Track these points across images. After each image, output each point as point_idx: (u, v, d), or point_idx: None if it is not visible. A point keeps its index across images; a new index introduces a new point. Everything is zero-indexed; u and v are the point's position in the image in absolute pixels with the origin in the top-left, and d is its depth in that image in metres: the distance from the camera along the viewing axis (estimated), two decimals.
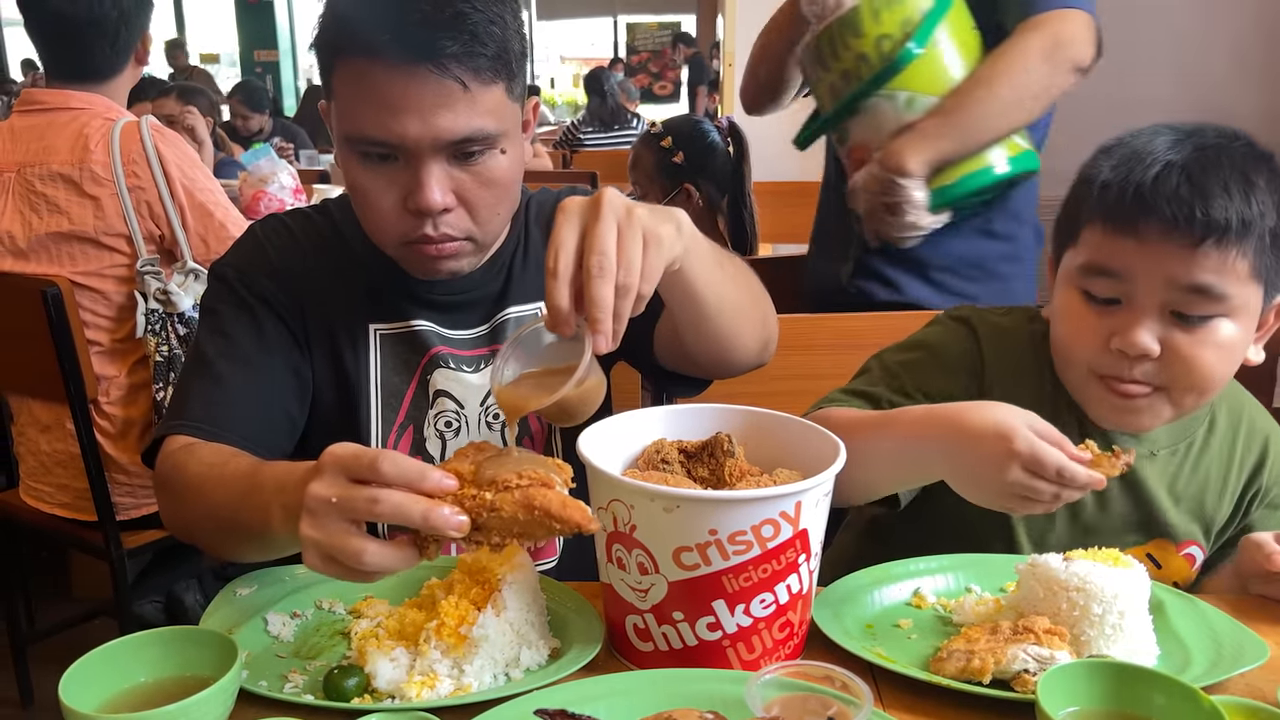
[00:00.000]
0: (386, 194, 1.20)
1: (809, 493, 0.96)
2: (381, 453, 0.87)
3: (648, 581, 0.97)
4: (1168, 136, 1.12)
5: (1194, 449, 1.28)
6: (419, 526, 0.86)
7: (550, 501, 0.88)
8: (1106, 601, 1.00)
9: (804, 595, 1.01)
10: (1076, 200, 1.18)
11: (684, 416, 1.16)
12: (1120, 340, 1.12)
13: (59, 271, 2.18)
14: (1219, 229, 1.07)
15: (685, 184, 2.51)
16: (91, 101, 2.23)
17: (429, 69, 1.12)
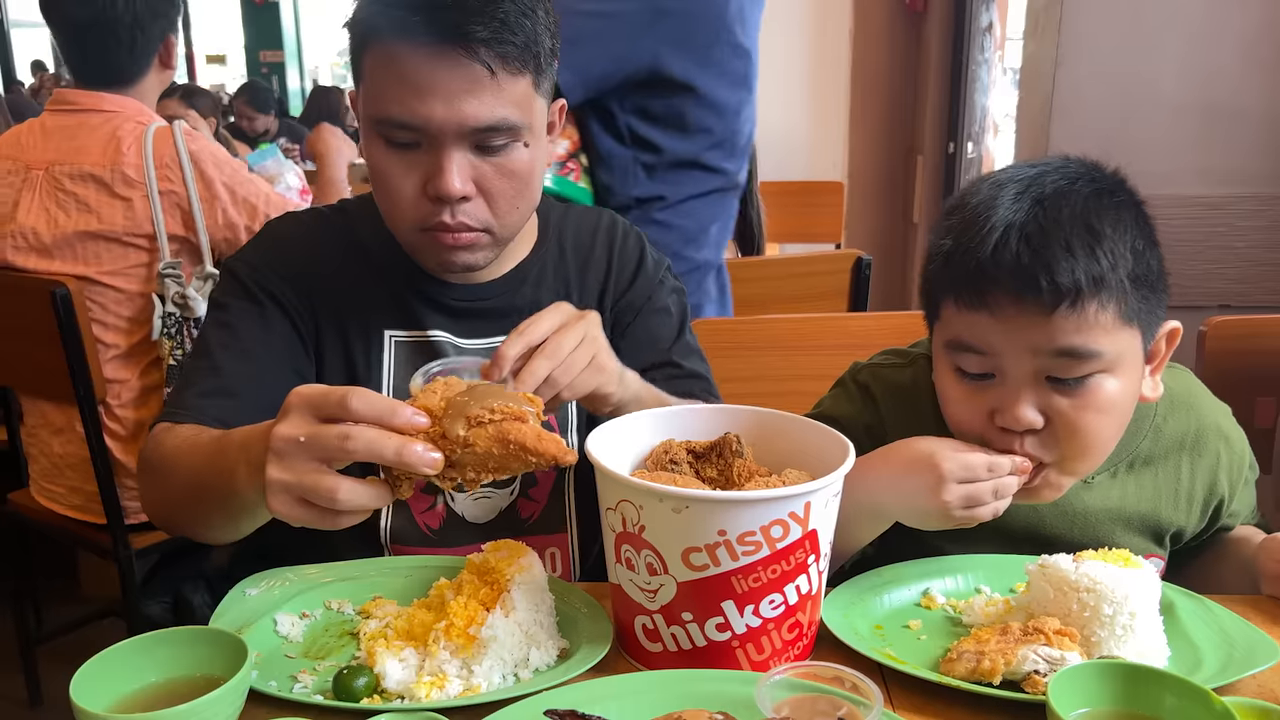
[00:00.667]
0: (407, 179, 1.20)
1: (818, 493, 0.96)
2: (351, 389, 0.87)
3: (657, 582, 0.97)
4: (1010, 190, 1.07)
5: (1136, 465, 1.24)
6: (393, 463, 0.86)
7: (525, 435, 0.89)
8: (1117, 602, 1.00)
9: (813, 596, 1.01)
10: (930, 272, 1.13)
11: (692, 417, 1.16)
12: (1002, 418, 1.08)
13: (83, 270, 2.19)
14: (1070, 293, 1.02)
15: None
16: (124, 105, 2.25)
17: (458, 52, 1.13)
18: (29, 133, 2.28)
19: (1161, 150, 2.56)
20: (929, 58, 3.99)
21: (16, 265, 2.21)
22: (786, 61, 4.40)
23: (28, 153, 2.23)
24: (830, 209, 4.12)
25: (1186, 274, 2.60)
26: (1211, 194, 2.56)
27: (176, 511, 1.17)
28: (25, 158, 2.23)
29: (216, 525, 1.11)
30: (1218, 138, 2.54)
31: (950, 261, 1.08)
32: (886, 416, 1.27)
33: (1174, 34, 2.51)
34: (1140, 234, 1.07)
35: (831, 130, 4.34)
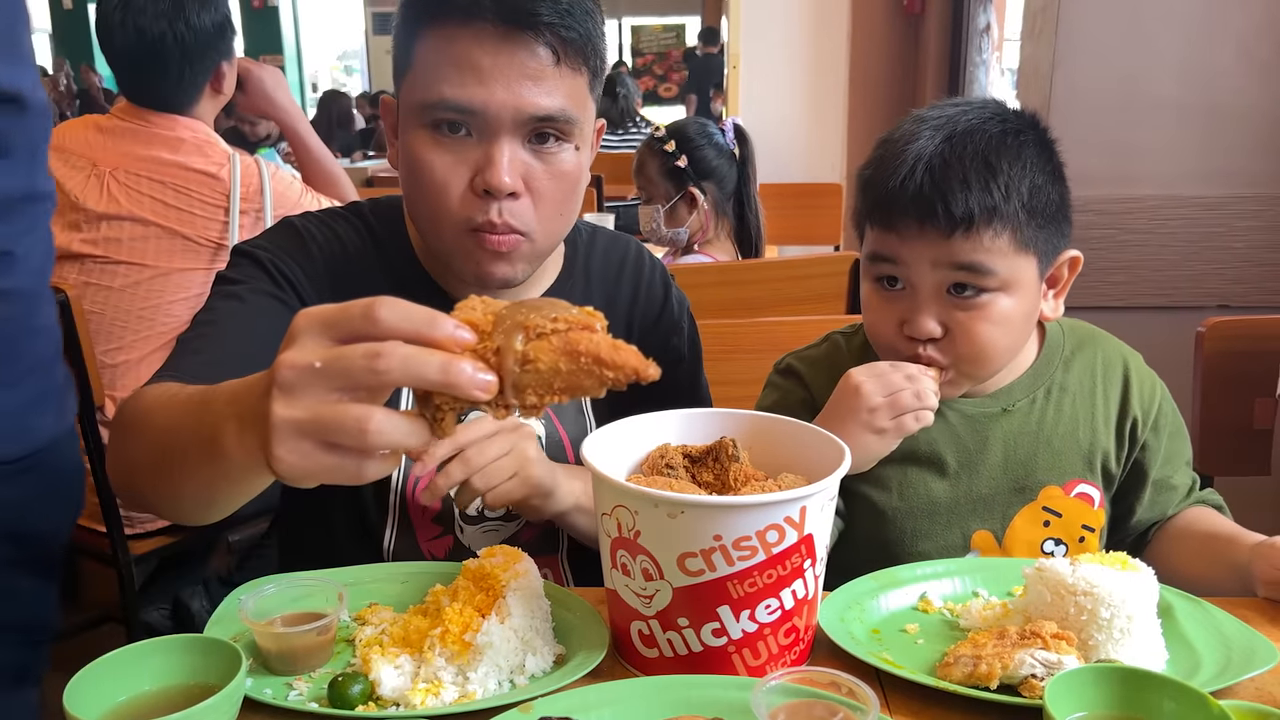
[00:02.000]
0: (454, 172, 1.17)
1: (814, 497, 0.95)
2: (380, 299, 0.70)
3: (652, 587, 0.97)
4: (928, 126, 1.21)
5: (1052, 392, 1.35)
6: (436, 385, 0.70)
7: (599, 345, 0.72)
8: (1114, 606, 0.99)
9: (810, 600, 1.00)
10: (857, 199, 1.29)
11: (689, 421, 1.15)
12: (909, 327, 1.23)
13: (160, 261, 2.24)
14: (965, 219, 1.17)
15: (690, 188, 2.51)
16: (194, 128, 2.30)
17: (525, 35, 1.13)
18: (85, 129, 2.32)
19: (1160, 151, 2.55)
20: (927, 59, 3.98)
21: (74, 251, 2.24)
22: (784, 64, 4.40)
23: (94, 149, 2.27)
24: (829, 211, 4.12)
25: (1185, 274, 2.60)
26: (1210, 194, 2.55)
27: (140, 475, 0.99)
28: (93, 154, 2.26)
29: (186, 497, 0.92)
30: (1216, 138, 2.53)
31: (868, 189, 1.24)
32: (814, 387, 1.38)
33: (1172, 34, 2.51)
34: (1041, 170, 1.21)
35: (830, 132, 4.34)
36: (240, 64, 2.58)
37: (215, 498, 0.89)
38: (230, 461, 0.78)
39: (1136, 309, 2.62)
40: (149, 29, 2.22)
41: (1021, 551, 1.32)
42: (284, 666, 1.00)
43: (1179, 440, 1.39)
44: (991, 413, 1.32)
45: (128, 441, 1.01)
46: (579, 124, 1.19)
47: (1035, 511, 1.33)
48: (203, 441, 0.81)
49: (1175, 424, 1.39)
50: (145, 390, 1.03)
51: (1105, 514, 1.35)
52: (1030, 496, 1.32)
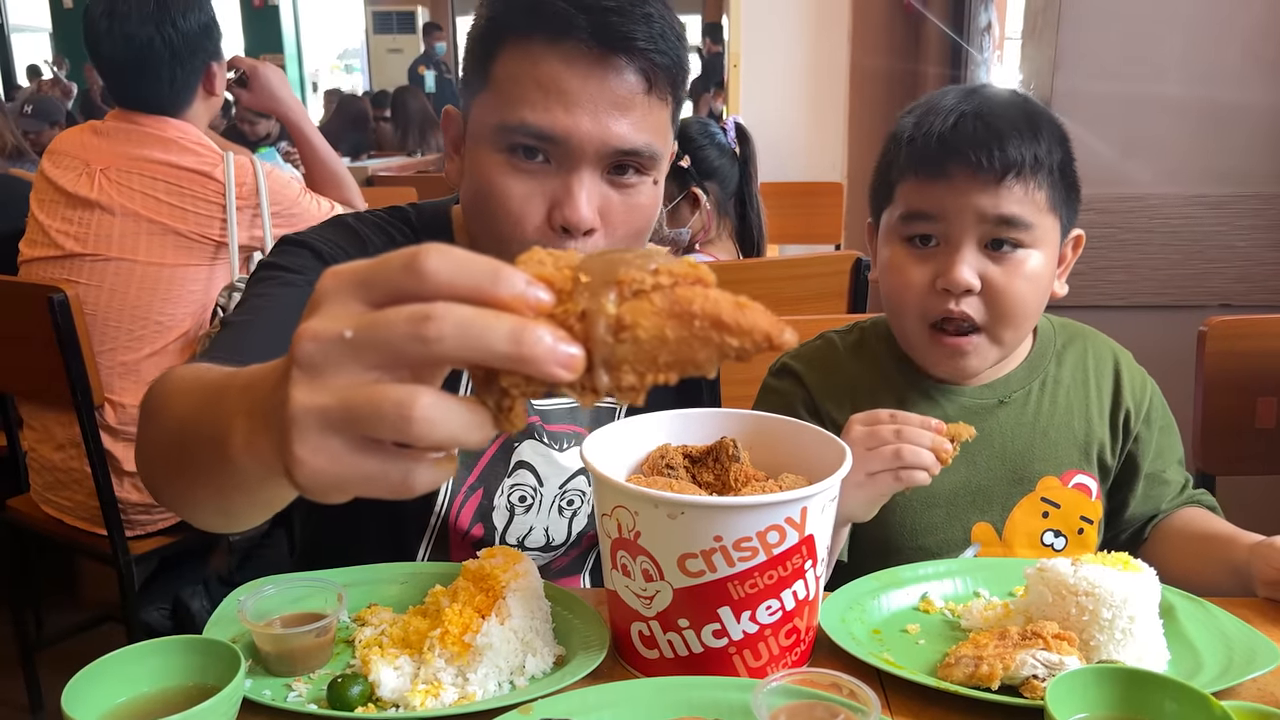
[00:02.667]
0: (530, 202, 1.11)
1: (815, 498, 0.95)
2: (425, 246, 0.54)
3: (653, 588, 0.97)
4: (957, 93, 1.25)
5: (1047, 384, 1.36)
6: (505, 360, 0.52)
7: (719, 304, 0.54)
8: (1116, 606, 0.99)
9: (811, 601, 1.00)
10: (888, 161, 1.29)
11: (689, 421, 1.15)
12: (944, 279, 1.21)
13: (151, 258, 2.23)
14: (1016, 164, 1.18)
15: (692, 188, 2.50)
16: (185, 130, 2.30)
17: (619, 59, 1.08)
18: (81, 133, 2.33)
19: (1162, 149, 2.55)
20: (928, 58, 3.98)
21: (66, 250, 2.23)
22: (785, 62, 4.39)
23: (88, 150, 2.27)
24: (830, 210, 4.10)
25: (1187, 273, 2.59)
26: (1212, 193, 2.55)
27: (156, 473, 0.86)
28: (85, 155, 2.26)
29: (202, 503, 0.78)
30: (1219, 137, 2.52)
31: (912, 143, 1.23)
32: (811, 385, 1.37)
33: (1174, 32, 2.50)
34: (1063, 142, 1.25)
35: (830, 131, 4.33)
36: (245, 62, 2.58)
37: (231, 509, 0.75)
38: (239, 469, 0.63)
39: (1138, 308, 2.61)
40: (136, 34, 2.23)
41: (1021, 543, 1.33)
42: (283, 668, 1.00)
43: (1170, 436, 1.40)
44: (988, 404, 1.33)
45: (147, 430, 0.88)
46: (661, 158, 1.15)
47: (1034, 502, 1.33)
48: (211, 442, 0.65)
49: (1166, 420, 1.41)
50: (174, 370, 0.88)
51: (1103, 506, 1.36)
52: (1029, 487, 1.33)
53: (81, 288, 2.19)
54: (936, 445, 1.11)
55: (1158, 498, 1.38)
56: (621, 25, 1.07)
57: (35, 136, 5.36)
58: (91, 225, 2.21)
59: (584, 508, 1.34)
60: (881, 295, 1.33)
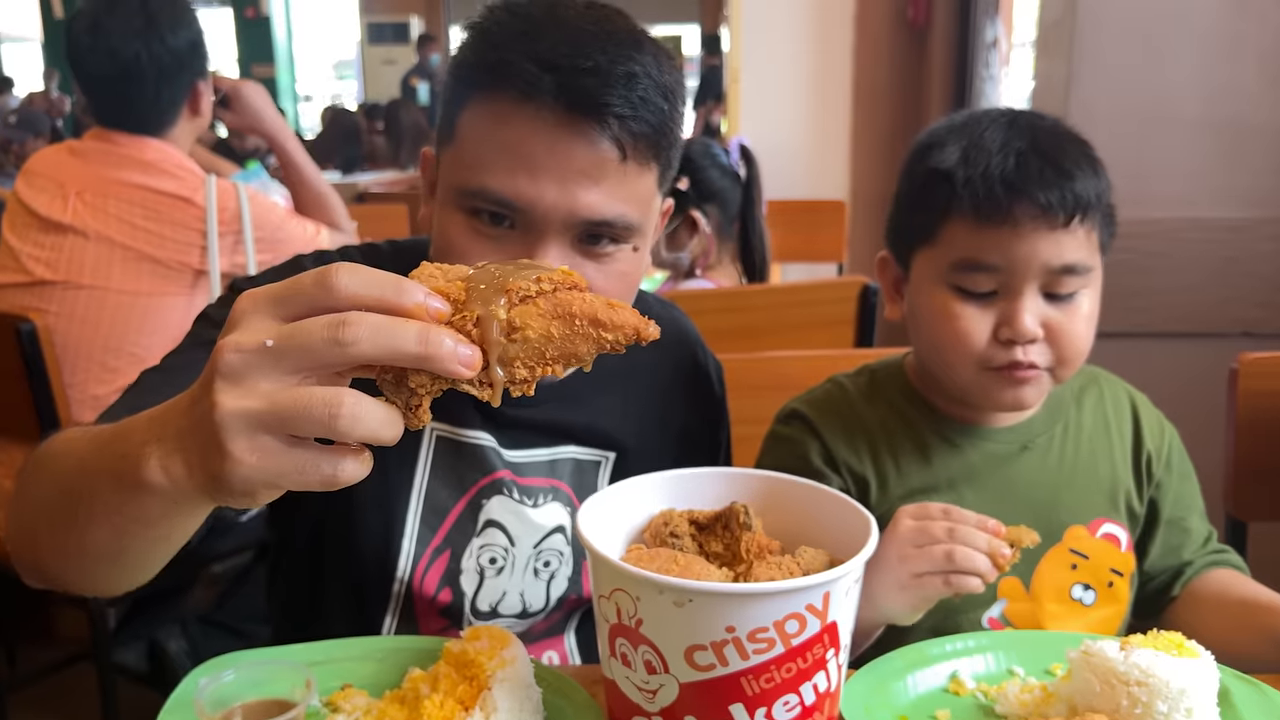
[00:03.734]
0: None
1: (839, 582, 0.85)
2: (332, 265, 0.62)
3: (656, 682, 0.86)
4: (996, 125, 1.16)
5: (1070, 429, 1.30)
6: (412, 360, 0.61)
7: (594, 305, 0.66)
8: (1172, 699, 0.89)
9: (832, 694, 0.90)
10: (926, 198, 1.18)
11: (695, 483, 1.04)
12: (1009, 330, 1.15)
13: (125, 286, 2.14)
14: (1085, 205, 1.12)
15: (690, 211, 2.41)
16: (165, 152, 2.20)
17: (590, 125, 0.99)
18: (57, 153, 2.26)
19: (1179, 171, 2.46)
20: (932, 74, 3.90)
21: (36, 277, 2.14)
22: (788, 78, 4.31)
23: (63, 171, 2.18)
24: (832, 228, 4.03)
25: (1206, 300, 2.50)
26: (1232, 216, 2.46)
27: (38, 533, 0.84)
28: (61, 177, 2.17)
29: (91, 552, 0.77)
30: (1237, 157, 2.44)
31: (969, 183, 1.13)
32: (825, 434, 1.29)
33: (1192, 50, 2.42)
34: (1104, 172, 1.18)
35: (833, 148, 4.25)
36: (225, 82, 2.49)
37: (125, 550, 0.75)
38: (152, 495, 0.66)
39: (1157, 335, 2.52)
40: (121, 50, 2.13)
41: (1050, 597, 1.25)
42: None
43: (1190, 483, 1.35)
44: (1012, 449, 1.27)
45: (28, 492, 0.86)
46: (640, 228, 1.06)
47: (1062, 554, 1.26)
48: (116, 477, 0.69)
49: (1185, 467, 1.35)
50: (57, 435, 0.88)
51: (1134, 559, 1.28)
52: (1055, 538, 1.26)
53: (52, 316, 2.10)
54: (993, 549, 1.01)
55: (1179, 548, 1.31)
56: (594, 89, 0.98)
57: (19, 147, 5.27)
58: (64, 251, 2.11)
59: (562, 569, 1.24)
60: (921, 342, 1.26)
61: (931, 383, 1.28)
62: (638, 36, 1.05)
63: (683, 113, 1.09)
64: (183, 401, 0.66)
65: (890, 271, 1.29)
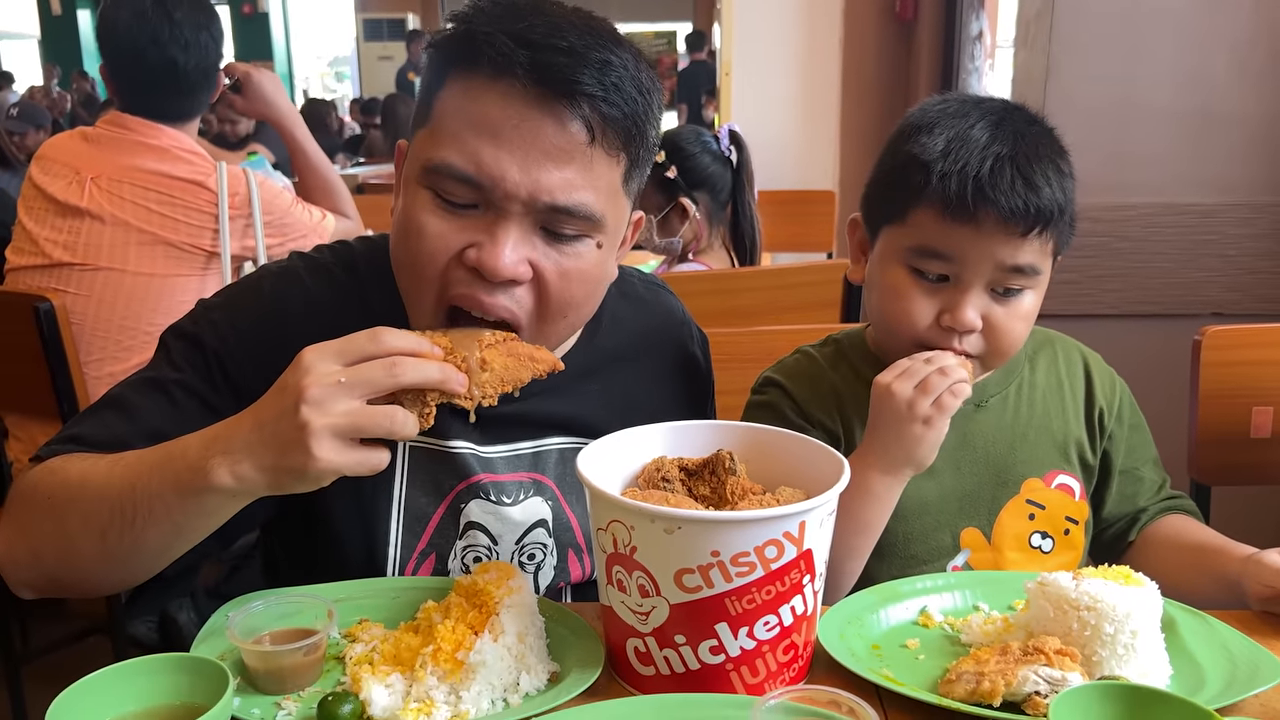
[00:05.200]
0: (449, 240, 1.04)
1: (813, 512, 0.94)
2: (378, 328, 0.92)
3: (649, 604, 0.95)
4: (985, 122, 1.21)
5: (1023, 388, 1.38)
6: (436, 384, 0.93)
7: (530, 348, 1.03)
8: (1118, 621, 0.98)
9: (809, 617, 0.99)
10: (903, 180, 1.23)
11: (685, 434, 1.14)
12: (950, 318, 1.22)
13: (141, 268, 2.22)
14: (1045, 218, 1.18)
15: (680, 198, 2.49)
16: (179, 139, 2.29)
17: (560, 103, 1.00)
18: (70, 139, 2.32)
19: (1153, 158, 2.55)
20: (919, 66, 3.98)
21: (54, 259, 2.22)
22: (777, 70, 4.39)
23: (78, 157, 2.25)
24: (822, 218, 4.11)
25: (1179, 282, 2.59)
26: (1204, 202, 2.55)
27: (74, 546, 1.02)
28: (76, 163, 2.25)
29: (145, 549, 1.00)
30: (1210, 145, 2.53)
31: (945, 179, 1.19)
32: (798, 396, 1.37)
33: (1165, 42, 2.50)
34: (1070, 179, 1.24)
35: (823, 139, 4.33)
36: (240, 68, 2.57)
37: (173, 546, 1.02)
38: (216, 494, 0.93)
39: (1131, 317, 2.61)
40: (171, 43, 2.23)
41: (1010, 546, 1.33)
42: (272, 686, 0.98)
43: (1141, 434, 1.42)
44: (966, 409, 1.32)
45: (49, 519, 1.03)
46: (601, 222, 1.06)
47: (1019, 505, 1.34)
48: (179, 485, 0.94)
49: (1136, 418, 1.43)
50: (54, 466, 1.05)
51: (1088, 507, 1.37)
52: (1013, 490, 1.34)
53: (70, 297, 2.18)
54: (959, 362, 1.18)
55: (1134, 495, 1.39)
56: (567, 67, 1.00)
57: (20, 139, 5.34)
58: (81, 234, 2.19)
59: (548, 560, 1.28)
60: (872, 309, 1.32)
61: (884, 349, 1.35)
62: (618, 36, 1.07)
63: (657, 116, 1.09)
64: (243, 426, 0.93)
65: (858, 234, 1.36)
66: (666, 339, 1.41)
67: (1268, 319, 1.90)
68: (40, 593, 1.09)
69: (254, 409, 0.94)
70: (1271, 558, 1.12)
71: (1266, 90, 2.49)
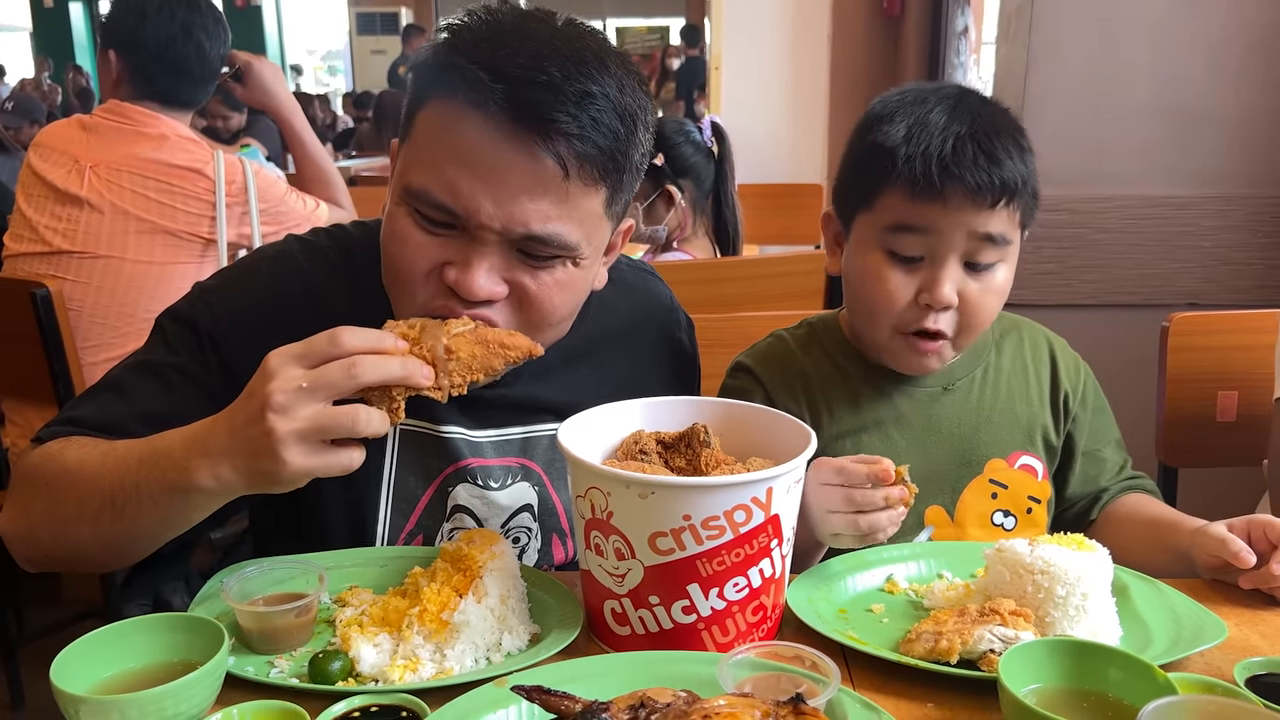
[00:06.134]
0: (425, 255, 1.06)
1: (780, 479, 0.99)
2: (336, 329, 0.91)
3: (624, 566, 1.00)
4: (942, 106, 1.26)
5: (989, 372, 1.42)
6: (399, 380, 0.93)
7: (499, 333, 1.00)
8: (1070, 584, 1.03)
9: (777, 579, 1.04)
10: (869, 167, 1.28)
11: (662, 409, 1.18)
12: (928, 295, 1.26)
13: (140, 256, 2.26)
14: (1010, 189, 1.23)
15: (666, 186, 2.54)
16: (177, 127, 2.34)
17: (533, 140, 0.99)
18: (69, 127, 2.36)
19: (1130, 151, 2.60)
20: (906, 61, 4.03)
21: (54, 247, 2.26)
22: (766, 65, 4.43)
23: (76, 146, 2.29)
24: (810, 211, 4.14)
25: (1155, 272, 2.64)
26: (1179, 194, 2.60)
27: (68, 529, 1.07)
28: (74, 151, 2.28)
29: (138, 536, 1.06)
30: (1185, 139, 2.58)
31: (910, 162, 1.23)
32: (766, 381, 1.41)
33: (1142, 38, 2.55)
34: (1030, 154, 1.28)
35: (811, 133, 4.38)
36: (242, 56, 2.61)
37: (163, 534, 1.06)
38: (199, 494, 0.97)
39: (1108, 307, 2.66)
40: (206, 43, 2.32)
41: (973, 523, 1.38)
42: (266, 646, 1.03)
43: (1104, 416, 1.47)
44: (934, 391, 1.39)
45: (46, 499, 1.08)
46: (578, 248, 1.07)
47: (983, 484, 1.39)
48: (166, 485, 0.98)
49: (1099, 402, 1.47)
50: (53, 450, 1.09)
51: (1050, 486, 1.41)
52: (977, 470, 1.38)
53: (68, 284, 2.21)
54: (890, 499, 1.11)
55: (1096, 476, 1.44)
56: (542, 103, 0.99)
57: (15, 133, 5.35)
58: (80, 223, 2.23)
59: (532, 543, 1.32)
60: (850, 296, 1.36)
61: (860, 335, 1.40)
62: (604, 59, 1.05)
63: (645, 139, 1.10)
64: (219, 429, 0.94)
65: (832, 227, 1.40)
66: (654, 324, 1.44)
67: (1242, 308, 1.96)
68: (40, 568, 1.15)
69: (228, 412, 0.95)
70: (1217, 529, 1.17)
71: (1242, 84, 2.54)
